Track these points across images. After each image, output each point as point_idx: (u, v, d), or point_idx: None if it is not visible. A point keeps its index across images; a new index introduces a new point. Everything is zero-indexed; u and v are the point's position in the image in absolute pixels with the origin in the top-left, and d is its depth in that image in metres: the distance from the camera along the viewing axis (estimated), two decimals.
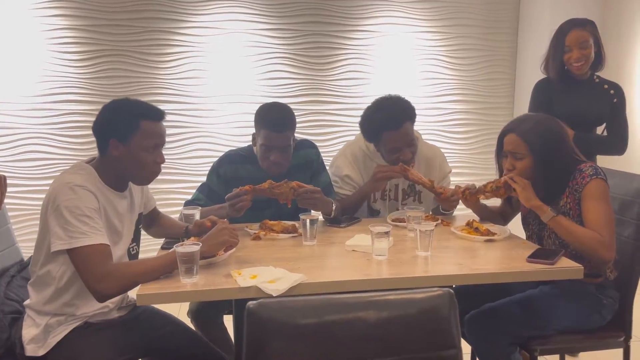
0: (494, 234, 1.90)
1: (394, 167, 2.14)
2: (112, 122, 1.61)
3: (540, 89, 2.59)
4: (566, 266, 1.62)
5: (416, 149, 2.22)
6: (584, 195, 1.76)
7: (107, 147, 1.60)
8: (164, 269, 1.50)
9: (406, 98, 2.22)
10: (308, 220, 1.83)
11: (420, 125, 2.32)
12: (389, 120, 2.12)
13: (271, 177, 2.03)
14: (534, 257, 1.64)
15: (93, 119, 1.66)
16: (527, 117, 1.92)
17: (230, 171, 2.18)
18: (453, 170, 2.52)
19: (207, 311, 2.11)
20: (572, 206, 1.81)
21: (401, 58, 4.00)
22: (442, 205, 2.23)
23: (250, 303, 1.03)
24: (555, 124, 1.88)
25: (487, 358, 1.86)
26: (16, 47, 3.47)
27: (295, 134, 2.23)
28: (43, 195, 1.55)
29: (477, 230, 1.92)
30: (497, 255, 1.75)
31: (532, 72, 4.00)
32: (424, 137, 2.44)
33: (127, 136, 1.58)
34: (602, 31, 2.55)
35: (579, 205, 1.78)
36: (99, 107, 1.68)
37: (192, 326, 2.00)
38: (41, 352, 1.52)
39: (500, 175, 1.95)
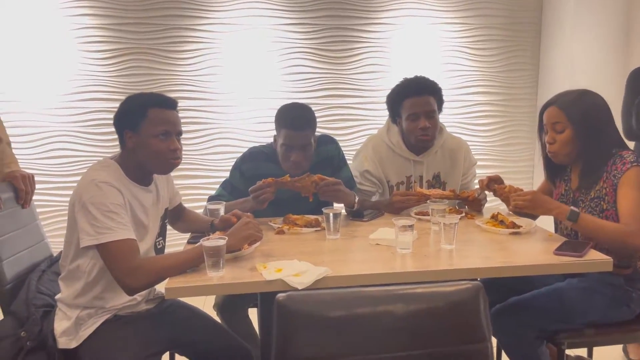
0: (519, 226, 1.87)
1: (411, 197, 2.15)
2: (123, 114, 1.65)
3: (636, 76, 2.49)
4: (595, 258, 1.59)
5: (436, 124, 2.26)
6: (622, 181, 1.73)
7: (123, 139, 1.64)
8: (191, 263, 1.52)
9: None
10: (331, 214, 1.83)
11: (443, 118, 2.32)
12: (411, 86, 2.25)
13: (291, 176, 2.04)
14: (561, 249, 1.62)
15: None
16: (571, 91, 1.86)
17: (252, 169, 2.20)
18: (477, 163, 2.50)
19: (232, 304, 2.13)
20: (609, 191, 1.77)
21: (421, 50, 3.96)
22: (471, 208, 2.21)
23: (280, 295, 1.04)
24: (601, 100, 1.82)
25: (514, 352, 1.84)
26: (47, 46, 3.54)
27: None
28: (71, 192, 1.59)
29: (502, 223, 1.90)
30: (523, 248, 1.72)
31: (556, 61, 3.93)
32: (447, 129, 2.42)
33: (137, 125, 1.61)
34: (629, 24, 2.46)
35: (616, 191, 1.75)
36: None
37: (217, 319, 2.02)
38: (73, 345, 1.56)
39: (544, 151, 1.93)
